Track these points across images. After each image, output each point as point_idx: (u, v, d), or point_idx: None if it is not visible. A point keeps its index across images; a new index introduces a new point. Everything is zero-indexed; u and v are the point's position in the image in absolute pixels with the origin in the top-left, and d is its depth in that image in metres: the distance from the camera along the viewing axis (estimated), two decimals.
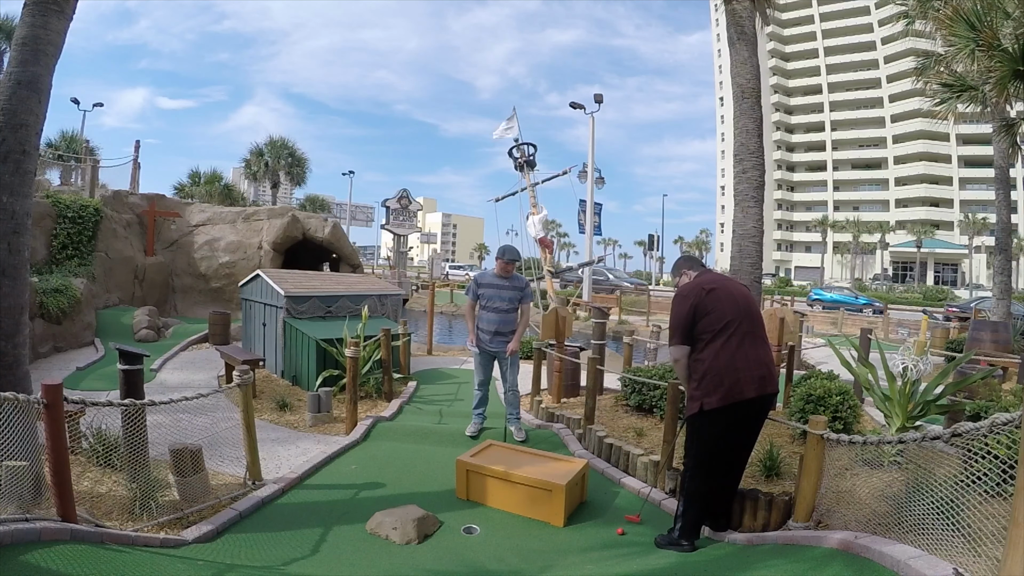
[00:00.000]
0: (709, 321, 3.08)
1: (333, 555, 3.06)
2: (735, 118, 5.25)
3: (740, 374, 3.01)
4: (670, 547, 3.11)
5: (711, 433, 3.08)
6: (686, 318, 3.12)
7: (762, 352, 3.15)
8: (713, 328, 3.07)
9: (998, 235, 12.56)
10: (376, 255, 65.84)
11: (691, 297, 3.15)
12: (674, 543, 3.11)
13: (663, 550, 3.11)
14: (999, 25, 6.65)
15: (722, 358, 3.02)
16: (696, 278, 3.33)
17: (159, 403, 3.47)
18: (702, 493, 3.15)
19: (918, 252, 52.34)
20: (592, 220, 19.36)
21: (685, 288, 3.25)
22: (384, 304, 8.78)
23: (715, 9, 66.21)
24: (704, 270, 3.46)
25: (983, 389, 5.10)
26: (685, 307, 3.14)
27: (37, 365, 7.45)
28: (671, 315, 3.24)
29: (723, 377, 3.00)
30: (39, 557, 2.19)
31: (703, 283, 3.21)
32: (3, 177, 3.80)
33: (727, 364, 3.02)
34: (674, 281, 3.57)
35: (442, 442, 5.07)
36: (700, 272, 3.42)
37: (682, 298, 3.19)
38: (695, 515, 3.15)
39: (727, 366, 3.02)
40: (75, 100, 23.06)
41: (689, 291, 3.19)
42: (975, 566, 1.97)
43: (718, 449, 3.12)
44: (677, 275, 3.52)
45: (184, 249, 13.70)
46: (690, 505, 3.14)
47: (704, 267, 3.52)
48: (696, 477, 3.14)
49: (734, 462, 3.25)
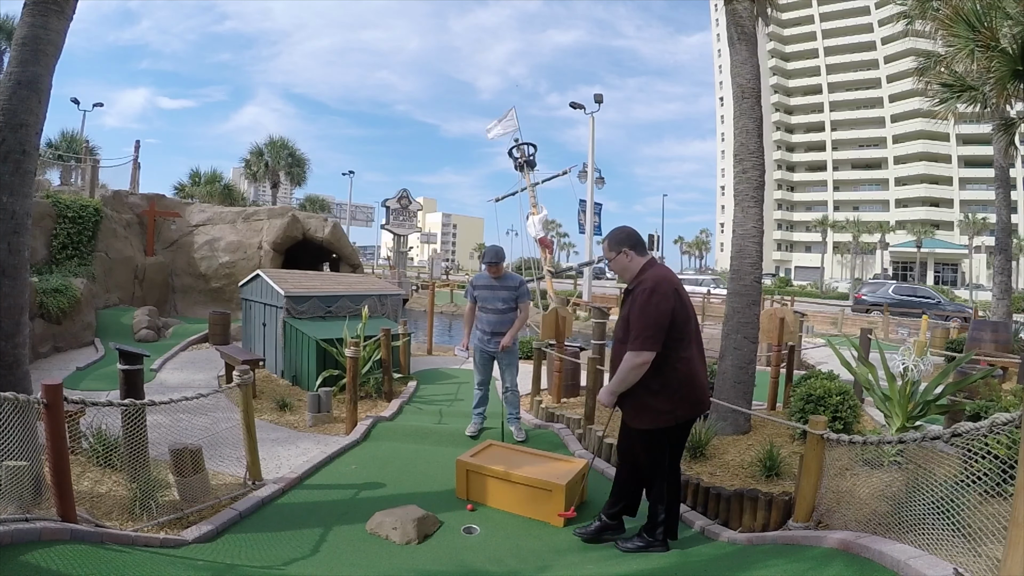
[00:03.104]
0: (680, 330, 2.85)
1: (333, 555, 3.06)
2: (735, 118, 5.24)
3: (699, 389, 2.96)
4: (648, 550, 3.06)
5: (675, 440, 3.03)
6: (668, 319, 2.80)
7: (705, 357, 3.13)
8: (683, 336, 2.86)
9: (998, 235, 12.56)
10: (376, 255, 65.83)
11: (671, 298, 2.84)
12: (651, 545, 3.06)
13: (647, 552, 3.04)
14: (999, 25, 6.65)
15: (689, 369, 2.89)
16: (655, 269, 2.99)
17: (159, 403, 3.47)
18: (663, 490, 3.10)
19: (918, 252, 52.32)
20: (592, 220, 19.38)
21: (664, 286, 2.86)
22: (384, 304, 8.78)
23: (715, 9, 66.25)
24: (651, 258, 3.08)
25: (983, 389, 5.10)
26: (669, 307, 2.80)
27: (37, 365, 7.45)
28: (649, 312, 2.79)
29: (696, 387, 2.92)
30: (39, 557, 2.19)
31: (672, 282, 2.91)
32: (3, 177, 3.80)
33: (692, 376, 2.90)
34: (609, 255, 3.11)
35: (442, 442, 5.07)
36: (647, 259, 3.04)
37: (664, 296, 2.82)
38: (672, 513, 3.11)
39: (692, 377, 2.90)
40: (75, 100, 23.08)
41: (668, 291, 2.85)
42: (975, 566, 1.97)
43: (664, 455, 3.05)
44: (616, 251, 3.06)
45: (184, 249, 13.70)
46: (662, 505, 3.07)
47: (647, 250, 3.11)
48: (655, 478, 3.07)
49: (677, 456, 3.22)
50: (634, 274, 3.02)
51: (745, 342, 5.04)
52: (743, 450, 4.49)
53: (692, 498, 3.80)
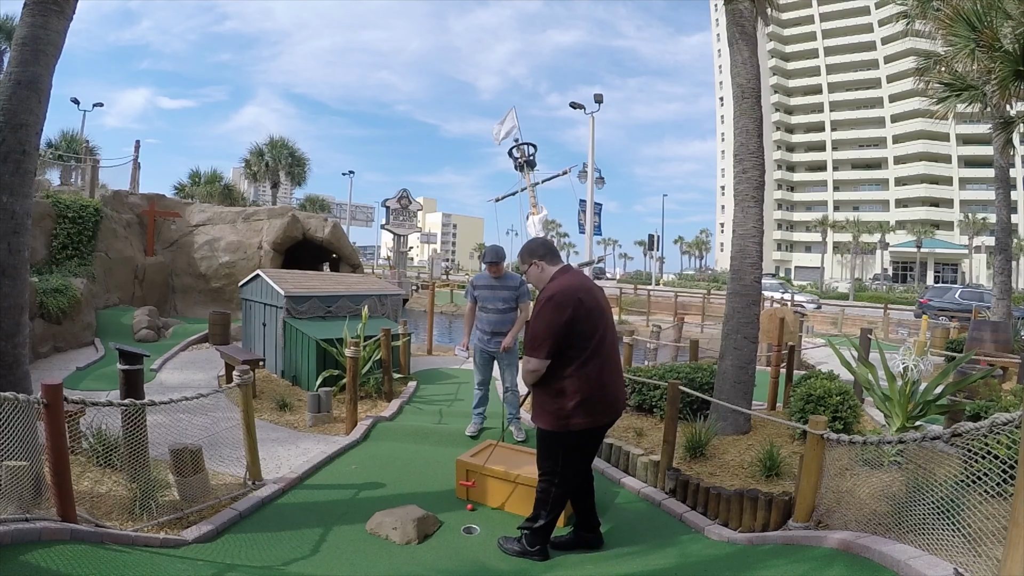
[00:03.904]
0: (581, 338, 2.81)
1: (333, 555, 3.06)
2: (735, 118, 5.24)
3: (609, 394, 2.94)
4: (523, 556, 3.04)
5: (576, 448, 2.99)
6: (562, 328, 2.78)
7: (620, 364, 3.12)
8: (586, 345, 2.82)
9: (998, 235, 12.56)
10: (376, 255, 65.87)
11: (569, 307, 2.80)
12: (527, 553, 3.04)
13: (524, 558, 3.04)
14: (999, 25, 6.65)
15: (595, 380, 2.84)
16: (563, 278, 2.98)
17: (159, 403, 3.47)
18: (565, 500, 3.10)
19: (918, 252, 52.28)
20: (592, 220, 19.37)
21: (560, 295, 2.84)
22: (384, 304, 8.78)
23: (715, 9, 66.20)
24: (564, 266, 3.08)
25: (983, 389, 5.11)
26: (563, 316, 2.78)
27: (37, 365, 7.45)
28: (540, 321, 2.83)
29: (596, 398, 2.87)
30: (39, 557, 2.19)
31: (576, 290, 2.88)
32: (3, 177, 3.79)
33: (598, 385, 2.86)
34: (522, 268, 3.16)
35: (442, 442, 5.07)
36: (560, 267, 3.05)
37: (558, 305, 2.81)
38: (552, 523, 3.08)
39: (598, 387, 2.86)
40: (75, 100, 23.09)
41: (566, 299, 2.82)
42: (975, 566, 1.97)
43: (575, 460, 3.04)
44: (527, 262, 3.10)
45: (184, 249, 13.70)
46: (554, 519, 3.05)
47: (560, 259, 3.11)
48: (561, 484, 3.01)
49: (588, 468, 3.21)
50: (545, 283, 3.03)
51: (745, 342, 5.04)
52: (743, 450, 4.49)
53: (692, 498, 3.80)
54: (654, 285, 42.63)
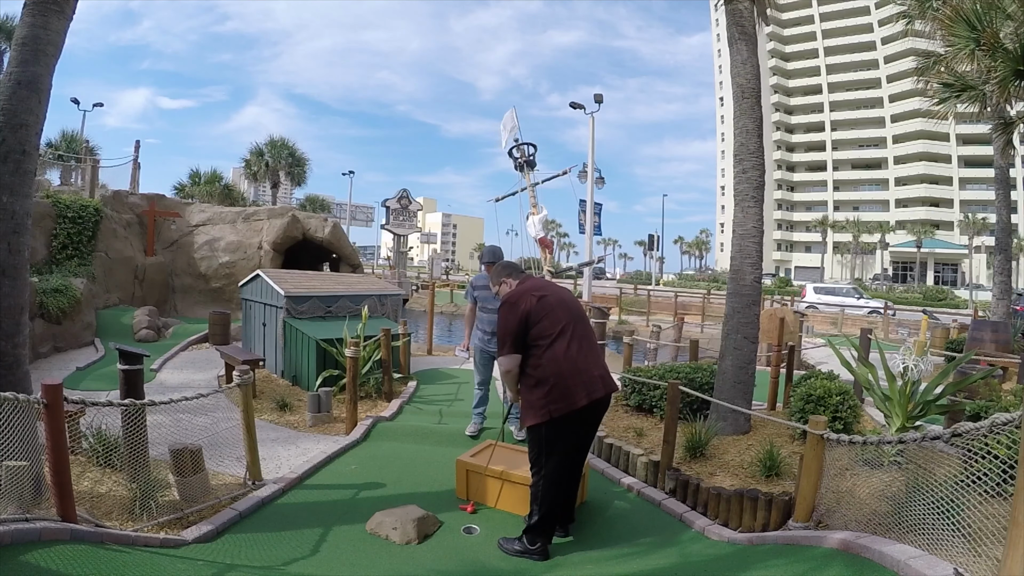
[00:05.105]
0: (543, 327, 3.02)
1: (333, 555, 3.06)
2: (735, 118, 5.24)
3: (584, 376, 3.00)
4: (524, 555, 3.06)
5: (561, 438, 3.02)
6: (518, 325, 3.03)
7: (598, 352, 3.21)
8: (550, 333, 3.02)
9: (998, 235, 12.56)
10: (376, 255, 65.85)
11: (522, 304, 3.07)
12: (528, 551, 3.06)
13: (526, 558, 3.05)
14: (999, 25, 6.65)
15: (565, 362, 2.97)
16: (520, 285, 3.28)
17: (159, 403, 3.47)
18: (558, 500, 3.11)
19: (918, 252, 52.33)
20: (592, 220, 19.38)
21: (513, 295, 3.17)
22: (384, 304, 8.78)
23: (715, 9, 65.68)
24: (526, 276, 3.40)
25: (983, 389, 5.11)
26: (516, 314, 3.04)
27: (37, 365, 7.45)
28: (500, 324, 3.13)
29: (570, 381, 2.96)
30: (39, 557, 2.20)
31: (530, 289, 3.17)
32: (3, 177, 3.79)
33: (571, 368, 2.98)
34: (494, 290, 3.54)
35: (442, 442, 5.07)
36: (521, 279, 3.36)
37: (511, 306, 3.09)
38: (551, 523, 3.11)
39: (571, 369, 2.98)
40: (75, 100, 23.10)
41: (518, 298, 3.11)
42: (975, 566, 1.97)
43: (567, 452, 3.06)
44: (497, 283, 3.47)
45: (184, 249, 13.70)
46: (548, 513, 3.07)
47: (524, 274, 3.46)
48: (553, 484, 3.05)
49: (578, 461, 3.23)
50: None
51: (745, 342, 5.04)
52: (743, 450, 4.49)
53: (692, 498, 3.80)
54: (654, 285, 42.63)
